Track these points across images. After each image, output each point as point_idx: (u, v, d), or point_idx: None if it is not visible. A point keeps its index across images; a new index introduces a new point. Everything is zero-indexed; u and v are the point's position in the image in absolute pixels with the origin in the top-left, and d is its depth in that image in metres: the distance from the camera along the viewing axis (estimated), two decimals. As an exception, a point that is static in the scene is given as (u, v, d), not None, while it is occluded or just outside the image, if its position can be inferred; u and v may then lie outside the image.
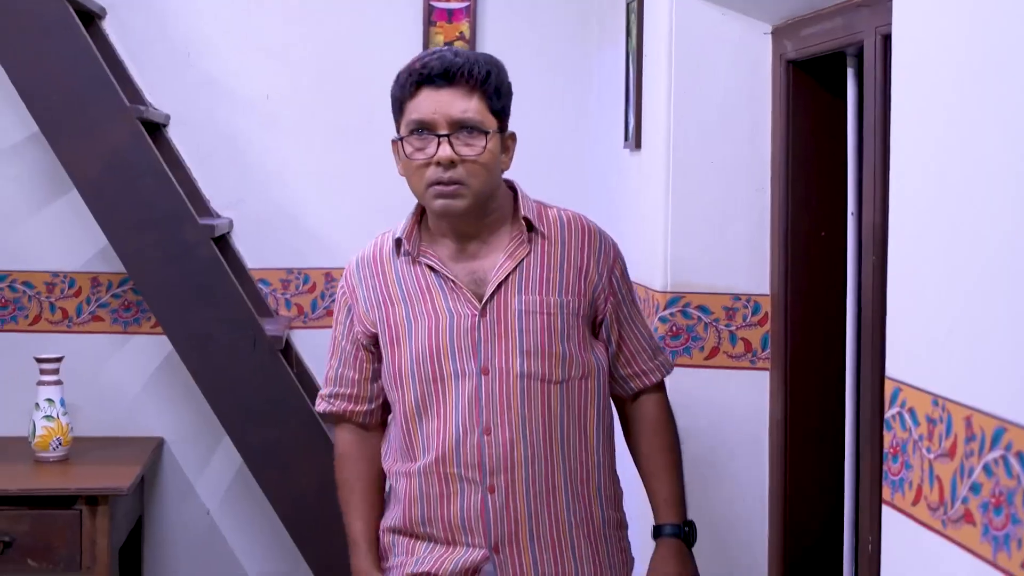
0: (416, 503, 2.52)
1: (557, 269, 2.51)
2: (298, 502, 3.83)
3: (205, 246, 3.80)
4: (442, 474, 2.48)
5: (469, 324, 2.46)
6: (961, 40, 1.80)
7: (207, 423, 4.19)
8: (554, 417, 2.48)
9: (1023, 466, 1.58)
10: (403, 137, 2.47)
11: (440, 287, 2.49)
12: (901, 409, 1.97)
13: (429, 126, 2.43)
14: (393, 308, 2.53)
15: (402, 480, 2.55)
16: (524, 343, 2.46)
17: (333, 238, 4.45)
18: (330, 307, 4.44)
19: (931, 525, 1.85)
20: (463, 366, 2.46)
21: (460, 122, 2.42)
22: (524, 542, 2.48)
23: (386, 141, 4.43)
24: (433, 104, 2.42)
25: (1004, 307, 1.64)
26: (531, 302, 2.47)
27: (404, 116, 2.47)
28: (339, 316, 2.65)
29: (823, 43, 2.95)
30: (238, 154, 4.38)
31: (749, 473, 3.31)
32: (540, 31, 4.49)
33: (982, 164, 1.71)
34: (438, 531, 2.50)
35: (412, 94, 2.44)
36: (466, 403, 2.45)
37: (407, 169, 2.48)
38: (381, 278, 2.55)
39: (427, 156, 2.42)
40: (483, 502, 2.46)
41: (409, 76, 2.46)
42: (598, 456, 2.56)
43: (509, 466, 2.45)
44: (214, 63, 4.36)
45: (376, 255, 2.59)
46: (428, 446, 2.49)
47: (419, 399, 2.49)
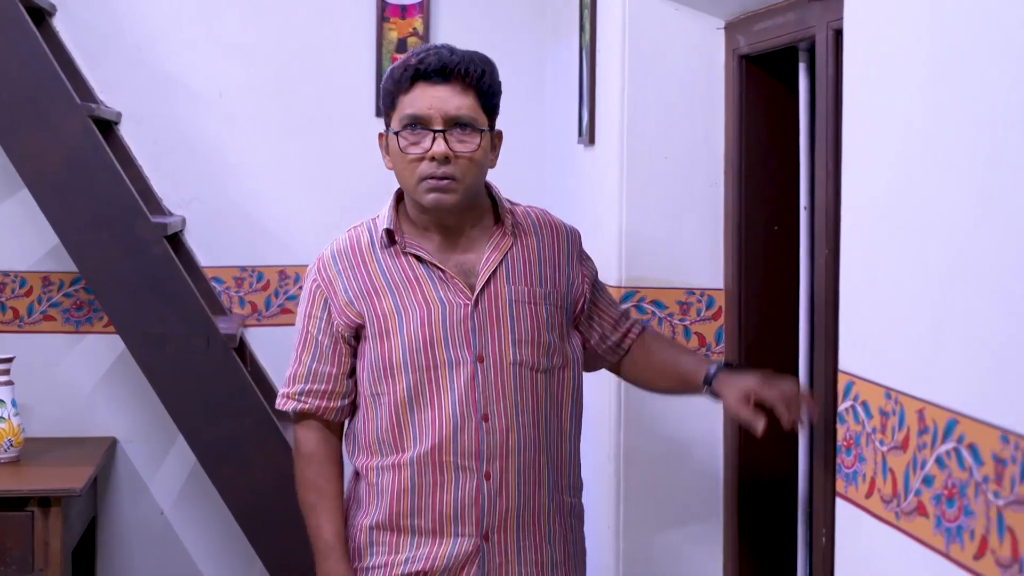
0: (406, 495, 2.50)
1: (536, 263, 2.58)
2: (253, 500, 3.81)
3: (158, 244, 3.77)
4: (438, 462, 2.48)
5: (463, 313, 2.49)
6: (912, 34, 1.80)
7: (160, 422, 4.16)
8: (540, 405, 2.54)
9: (975, 458, 1.58)
10: (397, 132, 2.48)
11: (430, 277, 2.51)
12: (854, 402, 1.97)
13: (424, 121, 2.45)
14: (379, 299, 2.52)
15: (387, 473, 2.52)
16: (516, 332, 2.51)
17: (287, 235, 4.43)
18: (284, 304, 4.42)
19: (884, 517, 1.85)
20: (458, 354, 2.48)
21: (455, 119, 2.45)
22: (511, 529, 2.52)
23: (340, 138, 4.46)
24: (429, 100, 2.45)
25: (956, 300, 1.64)
26: (520, 292, 2.53)
27: (397, 110, 2.48)
28: (312, 310, 2.59)
29: (775, 38, 2.96)
30: (191, 152, 4.36)
31: (703, 468, 3.31)
32: (494, 26, 4.49)
33: (934, 157, 1.71)
34: (427, 522, 2.50)
35: (407, 89, 2.46)
36: (462, 390, 2.48)
37: (398, 163, 2.50)
38: (363, 269, 2.54)
39: (422, 151, 2.45)
40: (478, 489, 2.48)
41: (405, 71, 2.47)
42: (571, 444, 2.62)
43: (504, 452, 2.49)
44: (167, 60, 4.33)
45: (354, 247, 2.58)
46: (422, 435, 2.49)
47: (412, 388, 2.49)
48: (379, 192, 4.46)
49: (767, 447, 3.21)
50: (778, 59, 3.11)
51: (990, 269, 1.56)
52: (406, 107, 2.46)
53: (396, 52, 4.45)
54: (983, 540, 1.56)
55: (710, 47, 3.27)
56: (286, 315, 4.44)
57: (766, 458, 3.21)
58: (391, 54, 4.45)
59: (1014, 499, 1.49)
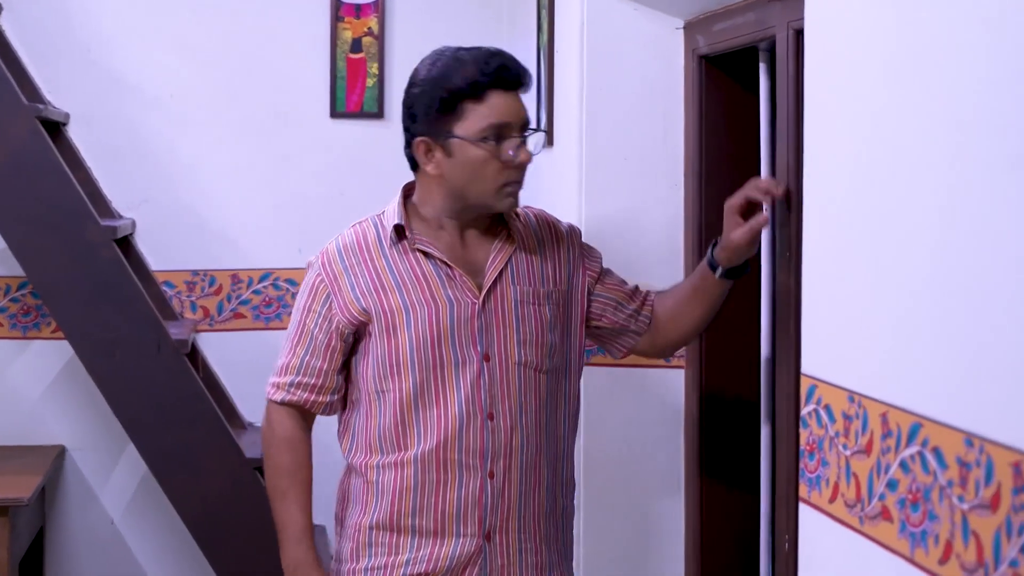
0: (408, 493, 2.52)
1: (539, 262, 2.63)
2: (205, 509, 3.79)
3: (107, 248, 3.75)
4: (442, 460, 2.51)
5: (471, 312, 2.52)
6: (874, 33, 1.81)
7: (110, 430, 4.13)
8: (542, 405, 2.58)
9: (939, 462, 1.59)
10: (476, 140, 2.48)
11: (438, 275, 2.54)
12: (817, 406, 1.98)
13: (507, 129, 2.49)
14: (387, 295, 2.53)
15: (388, 471, 2.54)
16: (521, 332, 2.55)
17: (240, 238, 4.41)
18: (238, 309, 4.40)
19: (848, 522, 1.85)
20: (464, 353, 2.51)
21: (526, 125, 2.52)
22: (513, 530, 2.55)
23: (295, 138, 4.44)
24: (508, 108, 2.49)
25: (920, 302, 1.65)
26: (524, 292, 2.57)
27: (468, 118, 2.48)
28: (311, 304, 2.59)
29: (735, 38, 2.96)
30: (142, 153, 4.33)
31: (665, 472, 3.31)
32: (449, 27, 4.48)
33: (897, 158, 1.72)
34: (429, 522, 2.52)
35: (480, 96, 2.47)
36: (468, 389, 2.51)
37: (474, 169, 2.50)
38: (370, 265, 2.56)
39: (508, 157, 2.48)
40: (482, 488, 2.51)
41: (478, 78, 2.47)
42: (566, 446, 2.67)
43: (508, 451, 2.53)
44: (116, 60, 4.30)
45: (360, 242, 2.59)
46: (426, 433, 2.51)
47: (418, 385, 2.51)
48: (333, 194, 4.48)
49: (728, 452, 3.21)
50: (738, 59, 3.12)
51: (954, 270, 1.56)
52: (486, 116, 2.47)
53: (350, 52, 4.43)
54: (948, 544, 1.57)
55: (669, 47, 3.27)
56: (239, 320, 4.42)
57: (729, 462, 3.21)
58: (345, 54, 4.44)
59: (978, 503, 1.50)
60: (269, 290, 4.46)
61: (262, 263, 4.46)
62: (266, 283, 4.46)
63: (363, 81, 4.46)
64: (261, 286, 4.45)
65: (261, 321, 4.46)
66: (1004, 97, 1.45)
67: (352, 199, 4.50)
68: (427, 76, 2.51)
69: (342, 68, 4.44)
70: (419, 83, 2.53)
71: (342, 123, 4.49)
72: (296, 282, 4.47)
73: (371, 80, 4.47)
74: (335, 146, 4.49)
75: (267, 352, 4.42)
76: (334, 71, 4.44)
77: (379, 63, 4.46)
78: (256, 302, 4.45)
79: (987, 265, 1.48)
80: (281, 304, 4.46)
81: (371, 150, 4.52)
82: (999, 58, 1.47)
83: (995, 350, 1.46)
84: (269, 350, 4.42)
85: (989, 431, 1.48)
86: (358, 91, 4.46)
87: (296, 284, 4.47)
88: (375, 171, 4.52)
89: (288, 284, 4.44)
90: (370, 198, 4.48)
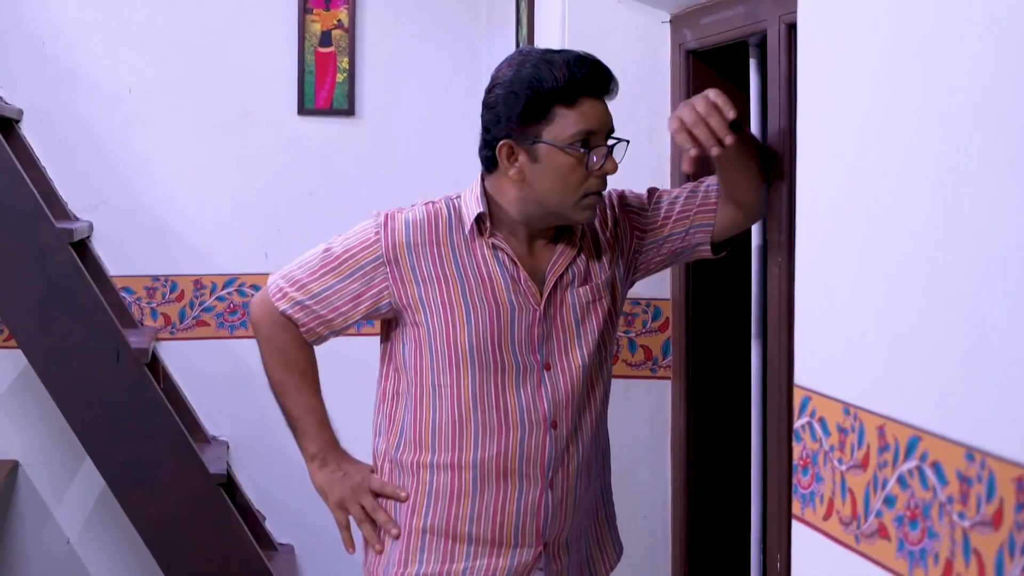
0: (467, 499, 2.55)
1: (595, 255, 2.64)
2: (165, 526, 3.78)
3: (62, 251, 3.74)
4: (502, 469, 2.53)
5: (531, 318, 2.55)
6: (870, 27, 1.81)
7: (66, 443, 4.12)
8: (595, 404, 2.63)
9: (939, 477, 1.59)
10: (564, 147, 2.47)
11: (503, 276, 2.55)
12: (811, 419, 1.98)
13: (595, 136, 2.49)
14: (448, 286, 2.54)
15: (444, 473, 2.55)
16: (582, 336, 2.59)
17: (203, 242, 4.40)
18: (201, 316, 4.39)
19: (843, 540, 1.86)
20: (525, 359, 2.54)
21: (611, 132, 2.53)
22: (565, 537, 2.61)
23: (260, 137, 4.43)
24: (598, 114, 2.50)
25: (918, 311, 1.65)
26: (583, 293, 2.60)
27: (556, 124, 2.47)
28: (360, 257, 2.56)
29: (724, 32, 2.97)
30: (99, 152, 4.32)
31: (651, 487, 3.32)
32: (424, 20, 4.49)
33: (895, 159, 1.72)
34: (487, 531, 2.55)
35: (573, 102, 2.47)
36: (529, 397, 2.54)
37: (559, 177, 2.49)
38: (434, 250, 2.55)
39: (594, 167, 2.49)
40: (541, 498, 2.55)
41: (570, 84, 2.46)
42: (606, 427, 2.72)
43: (567, 459, 2.57)
44: (72, 53, 4.29)
45: (432, 224, 2.56)
46: (485, 438, 2.53)
47: (477, 386, 2.53)
48: (301, 195, 4.48)
49: (718, 467, 3.22)
50: (727, 54, 3.13)
51: (953, 276, 1.57)
52: (576, 122, 2.47)
53: (319, 46, 4.43)
54: (948, 564, 1.57)
55: (655, 41, 3.28)
56: (202, 328, 4.41)
57: (717, 478, 3.22)
58: (314, 47, 4.43)
59: (980, 520, 1.50)
60: (234, 296, 4.45)
61: (226, 268, 4.45)
62: (230, 289, 4.45)
63: (333, 76, 4.46)
64: (225, 292, 4.44)
65: (225, 329, 4.45)
66: (1001, 95, 1.46)
67: (322, 200, 4.50)
68: (515, 76, 2.48)
69: (310, 62, 4.44)
70: (506, 83, 2.50)
71: (310, 120, 4.49)
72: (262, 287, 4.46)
73: (341, 75, 4.47)
74: (303, 144, 4.49)
75: (232, 362, 4.44)
76: (302, 65, 4.43)
77: (350, 57, 4.46)
78: (220, 309, 4.45)
79: (987, 271, 1.49)
80: (247, 311, 4.45)
81: (341, 149, 4.52)
82: (995, 54, 1.48)
83: (996, 360, 1.47)
84: (234, 360, 4.44)
85: (991, 445, 1.48)
86: (327, 87, 4.45)
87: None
88: (346, 171, 4.53)
89: (254, 290, 4.44)
90: (341, 199, 4.52)
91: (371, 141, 4.54)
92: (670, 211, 2.71)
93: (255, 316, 2.68)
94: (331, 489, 2.65)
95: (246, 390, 4.38)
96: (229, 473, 4.24)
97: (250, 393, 4.39)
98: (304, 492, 2.69)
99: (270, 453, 4.41)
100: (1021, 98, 1.42)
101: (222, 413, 4.47)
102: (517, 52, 2.57)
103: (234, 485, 4.36)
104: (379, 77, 4.53)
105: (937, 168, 1.61)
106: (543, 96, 2.46)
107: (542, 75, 2.46)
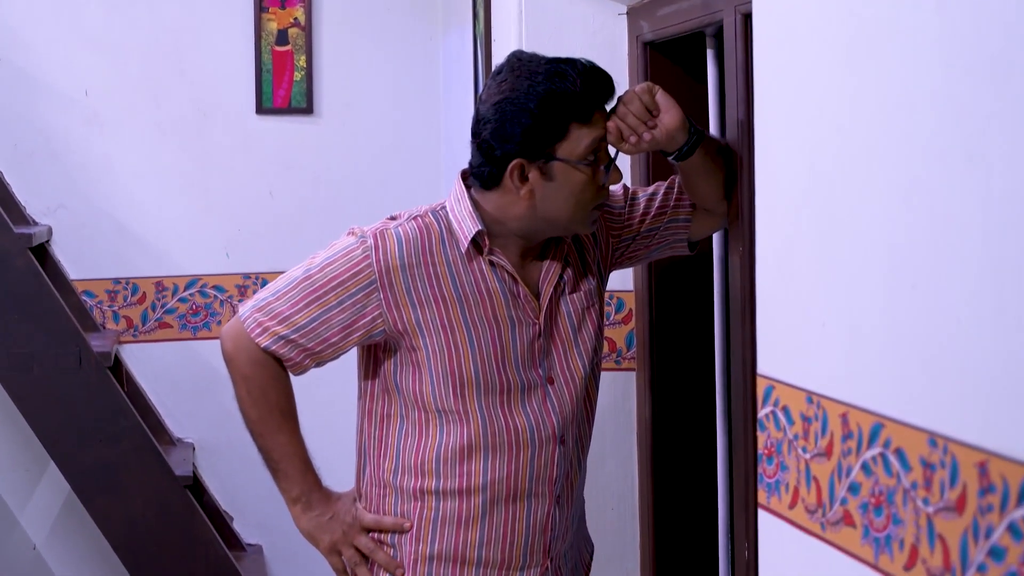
0: (476, 524, 2.46)
1: (581, 260, 2.59)
2: (132, 529, 3.77)
3: (21, 256, 3.72)
4: (512, 490, 2.46)
5: (532, 333, 2.48)
6: (825, 17, 1.82)
7: (30, 449, 4.09)
8: (592, 409, 2.61)
9: (903, 464, 1.60)
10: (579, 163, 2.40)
11: (502, 291, 2.46)
12: (774, 408, 1.99)
13: (603, 150, 2.46)
14: (447, 307, 2.43)
15: (452, 500, 2.46)
16: (580, 345, 2.55)
17: (164, 243, 4.39)
18: (163, 319, 4.38)
19: (809, 528, 1.87)
20: (528, 376, 2.47)
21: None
22: (564, 548, 2.58)
23: (219, 137, 4.42)
24: (603, 126, 2.45)
25: (878, 299, 1.66)
26: (575, 301, 2.55)
27: (570, 140, 2.40)
28: (349, 283, 2.39)
29: (681, 23, 2.97)
30: (56, 155, 4.29)
31: (618, 479, 3.32)
32: (380, 16, 4.49)
33: (853, 148, 1.73)
34: (496, 553, 2.48)
35: (588, 119, 2.41)
36: (537, 414, 2.48)
37: (573, 193, 2.42)
38: (430, 270, 2.43)
39: (605, 181, 2.46)
40: (549, 514, 2.51)
41: (590, 99, 2.41)
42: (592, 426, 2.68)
43: (571, 474, 2.55)
44: (27, 57, 4.27)
45: (424, 241, 2.43)
46: (495, 461, 2.45)
47: (486, 411, 2.44)
48: (261, 194, 4.46)
49: (684, 457, 3.23)
50: (684, 45, 3.13)
51: (912, 264, 1.57)
52: (587, 137, 2.41)
53: (276, 44, 4.42)
54: (913, 549, 1.58)
55: (612, 33, 3.28)
56: (164, 330, 4.39)
57: (683, 469, 3.22)
58: (271, 46, 4.42)
59: (944, 505, 1.51)
60: (196, 297, 4.43)
61: (188, 269, 4.44)
62: (192, 290, 4.43)
63: (290, 75, 4.44)
64: (187, 293, 4.43)
65: (188, 331, 4.43)
66: (957, 84, 1.46)
67: (282, 199, 4.49)
68: (529, 92, 2.37)
69: (268, 61, 4.43)
70: (516, 100, 2.38)
71: (269, 119, 4.47)
72: (225, 288, 4.45)
73: (299, 74, 4.45)
74: (262, 144, 4.48)
75: (195, 363, 4.42)
76: (259, 65, 4.42)
77: (307, 55, 4.45)
78: (182, 310, 4.43)
79: (946, 259, 1.49)
80: (209, 312, 4.44)
81: (301, 148, 4.51)
82: (951, 43, 1.48)
83: (956, 346, 1.48)
84: (197, 361, 4.42)
85: (953, 430, 1.49)
86: (285, 85, 4.44)
87: (224, 291, 4.45)
88: (305, 170, 4.53)
89: (216, 291, 4.42)
90: (301, 198, 4.51)
91: (330, 139, 4.53)
92: (648, 207, 2.67)
93: (228, 351, 2.48)
94: (320, 535, 2.52)
95: (210, 391, 4.36)
96: (195, 475, 4.22)
97: (214, 394, 4.37)
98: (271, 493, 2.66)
99: (236, 454, 4.38)
100: (977, 87, 1.43)
101: (187, 415, 4.45)
102: (517, 60, 2.44)
103: (201, 487, 4.34)
104: (337, 75, 4.52)
105: (895, 157, 1.61)
106: (561, 115, 2.38)
107: (558, 91, 2.37)
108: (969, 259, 1.45)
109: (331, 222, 3.76)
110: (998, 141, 1.39)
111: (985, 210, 1.41)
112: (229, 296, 4.44)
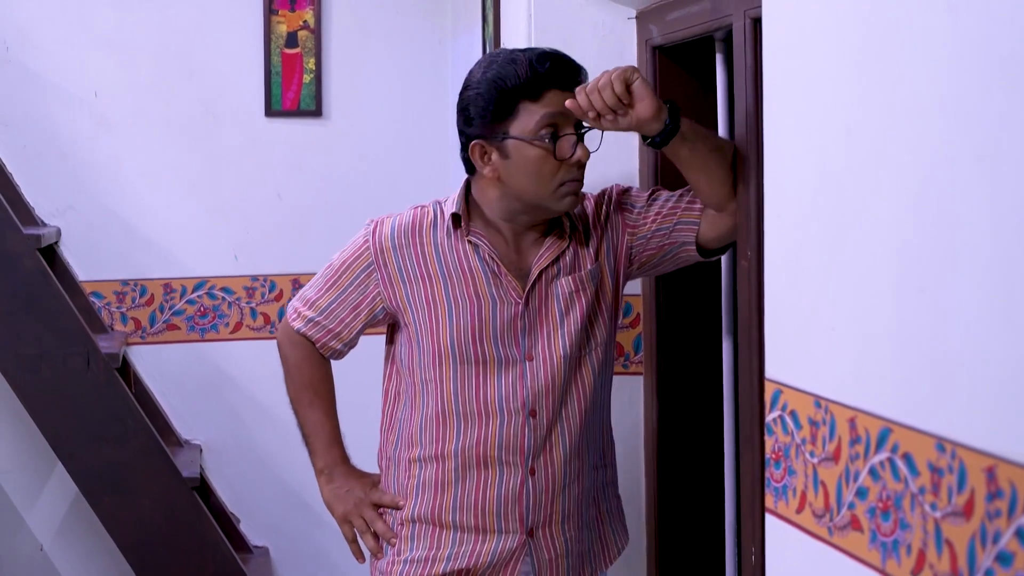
0: (449, 487, 2.64)
1: (584, 247, 2.69)
2: (139, 530, 3.77)
3: (30, 257, 3.72)
4: (482, 457, 2.61)
5: (513, 312, 2.61)
6: (835, 21, 1.82)
7: (38, 450, 4.10)
8: (586, 390, 2.66)
9: (910, 468, 1.60)
10: (532, 139, 2.53)
11: (484, 271, 2.62)
12: (782, 412, 1.98)
13: (563, 127, 2.54)
14: (432, 284, 2.63)
15: (430, 465, 2.65)
16: (566, 325, 2.63)
17: (172, 245, 4.39)
18: (171, 320, 4.38)
19: (817, 533, 1.87)
20: (506, 352, 2.61)
21: (580, 122, 2.55)
22: (556, 523, 2.66)
23: (228, 138, 4.42)
24: (562, 104, 2.51)
25: (887, 303, 1.66)
26: (566, 284, 2.64)
27: (522, 118, 2.54)
28: (353, 265, 2.67)
29: (690, 28, 2.97)
30: (66, 156, 4.30)
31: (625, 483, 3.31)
32: (390, 19, 4.49)
33: (862, 152, 1.73)
34: (470, 518, 2.63)
35: (538, 97, 2.53)
36: (510, 387, 2.60)
37: (534, 170, 2.55)
38: (418, 250, 2.64)
39: (563, 155, 2.54)
40: (522, 485, 2.62)
41: (536, 76, 2.52)
42: (606, 414, 2.78)
43: (549, 446, 2.63)
44: (36, 58, 4.27)
45: (416, 226, 2.66)
46: (467, 428, 2.61)
47: (459, 379, 2.60)
48: (270, 196, 4.47)
49: (691, 461, 3.22)
50: (693, 50, 3.13)
51: (921, 268, 1.57)
52: (537, 114, 2.53)
53: (286, 47, 4.42)
54: (921, 554, 1.58)
55: (621, 38, 3.28)
56: (172, 331, 4.39)
57: (690, 473, 3.22)
58: (280, 49, 4.42)
59: (952, 510, 1.51)
60: (204, 299, 4.44)
61: (196, 271, 4.44)
62: (200, 292, 4.43)
63: (300, 77, 4.45)
64: (195, 295, 4.43)
65: (196, 332, 4.44)
66: (969, 89, 1.46)
67: (290, 202, 4.49)
68: (482, 78, 2.56)
69: (277, 64, 4.43)
70: (474, 85, 2.58)
71: (278, 122, 4.48)
72: (233, 290, 4.45)
73: (308, 76, 4.46)
74: (271, 146, 4.48)
75: (203, 365, 4.42)
76: (268, 67, 4.42)
77: (316, 58, 4.45)
78: (190, 312, 4.43)
79: (955, 262, 1.49)
80: (217, 314, 4.44)
81: (309, 150, 4.51)
82: (961, 46, 1.48)
83: (964, 351, 1.48)
84: (205, 363, 4.42)
85: (961, 435, 1.49)
86: (294, 88, 4.45)
87: (232, 292, 4.45)
88: (314, 172, 4.53)
89: (224, 293, 4.42)
90: (309, 200, 4.51)
91: (339, 142, 4.53)
92: (661, 208, 2.72)
93: (279, 339, 2.82)
94: (336, 504, 2.76)
95: (218, 393, 4.37)
96: (203, 476, 4.23)
97: (222, 396, 4.38)
98: (278, 494, 2.69)
99: (244, 456, 4.40)
100: (986, 90, 1.43)
101: (194, 416, 4.45)
102: (486, 55, 2.62)
103: (208, 488, 4.34)
104: (346, 78, 4.52)
105: (904, 161, 1.61)
106: (508, 93, 2.53)
107: (506, 73, 2.54)
108: (978, 263, 1.45)
109: (340, 224, 3.77)
110: (1007, 144, 1.39)
111: (994, 213, 1.41)
112: (237, 298, 4.45)
